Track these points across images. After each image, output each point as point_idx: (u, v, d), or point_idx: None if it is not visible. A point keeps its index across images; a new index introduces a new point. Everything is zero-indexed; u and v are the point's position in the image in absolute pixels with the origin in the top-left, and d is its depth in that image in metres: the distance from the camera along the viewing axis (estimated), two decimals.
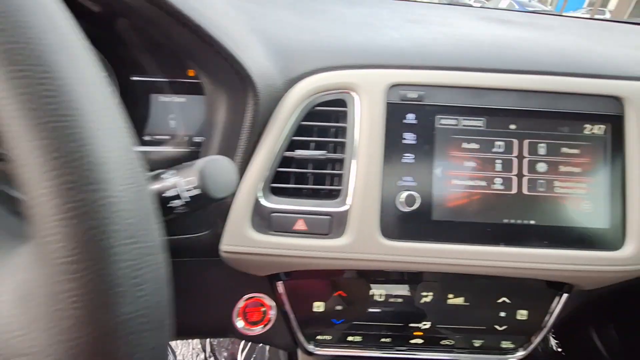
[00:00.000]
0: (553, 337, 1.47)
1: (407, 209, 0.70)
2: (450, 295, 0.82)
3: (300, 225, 0.70)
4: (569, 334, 1.32)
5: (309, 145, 0.72)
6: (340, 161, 0.71)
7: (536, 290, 0.81)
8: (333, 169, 0.72)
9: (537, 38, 0.86)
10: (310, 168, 0.72)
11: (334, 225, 0.71)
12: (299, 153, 0.71)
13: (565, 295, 0.81)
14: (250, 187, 0.69)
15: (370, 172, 0.69)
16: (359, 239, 0.70)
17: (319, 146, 0.72)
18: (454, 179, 0.71)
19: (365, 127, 0.70)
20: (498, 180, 0.72)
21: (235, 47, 0.61)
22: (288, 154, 0.71)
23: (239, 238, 0.70)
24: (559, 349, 1.46)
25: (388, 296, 0.82)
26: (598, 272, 0.72)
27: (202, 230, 0.72)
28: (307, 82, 0.71)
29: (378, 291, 0.82)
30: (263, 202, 0.70)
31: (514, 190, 0.72)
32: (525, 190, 0.72)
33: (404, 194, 0.69)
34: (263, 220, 0.70)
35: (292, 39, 0.75)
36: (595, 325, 1.25)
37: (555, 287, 0.81)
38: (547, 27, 1.07)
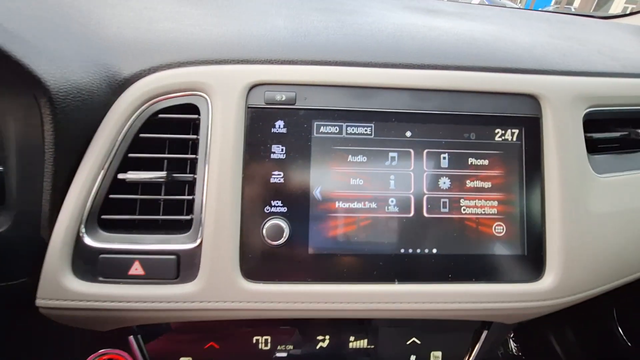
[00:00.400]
0: (513, 340, 1.41)
1: (275, 242, 0.55)
2: (352, 338, 0.68)
3: (137, 269, 0.54)
4: (528, 337, 1.26)
5: (149, 164, 0.56)
6: (191, 184, 0.56)
7: (451, 327, 0.68)
8: (181, 194, 0.56)
9: (451, 28, 0.73)
10: (150, 193, 0.56)
11: (183, 266, 0.55)
12: (132, 175, 0.54)
13: (485, 332, 0.68)
14: (69, 221, 0.52)
15: (227, 197, 0.54)
16: (214, 283, 0.54)
17: (162, 165, 0.56)
18: (337, 202, 0.57)
19: (219, 140, 0.55)
20: (392, 201, 0.58)
21: (18, 46, 0.44)
22: (121, 176, 0.54)
23: (56, 289, 0.53)
24: (519, 353, 1.42)
25: (275, 344, 0.67)
26: (514, 310, 0.59)
27: (16, 277, 0.55)
28: (144, 83, 0.55)
29: (262, 338, 0.67)
30: (87, 240, 0.54)
31: (411, 213, 0.58)
32: (425, 213, 0.58)
33: (271, 223, 0.54)
34: (88, 264, 0.54)
35: (124, 32, 0.59)
36: (553, 328, 1.22)
37: (472, 323, 0.68)
38: (476, 17, 0.94)
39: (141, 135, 0.55)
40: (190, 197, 0.55)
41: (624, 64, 0.70)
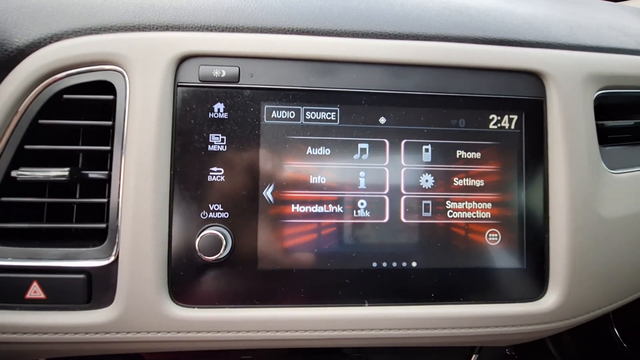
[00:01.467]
0: None
1: (213, 257, 0.43)
2: None
3: (36, 291, 0.42)
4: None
5: (57, 159, 0.44)
6: (104, 183, 0.44)
7: (436, 352, 0.57)
8: (91, 197, 0.44)
9: None
10: (52, 196, 0.44)
11: (96, 288, 0.43)
12: (26, 172, 0.42)
13: (475, 357, 0.58)
14: None
15: (149, 200, 0.42)
16: (134, 309, 0.43)
17: (67, 159, 0.44)
18: (293, 205, 0.46)
19: (137, 126, 0.43)
20: (362, 204, 0.47)
21: None
22: (15, 173, 0.42)
23: None
24: (513, 353, 1.37)
25: None
26: (510, 334, 0.49)
27: None
28: (42, 54, 0.43)
29: None
30: None
31: (386, 218, 0.47)
32: (402, 218, 0.47)
33: (206, 234, 0.43)
34: None
35: None
36: None
37: (460, 347, 0.57)
38: None
39: (40, 121, 0.43)
40: (103, 200, 0.43)
41: (638, 40, 0.60)
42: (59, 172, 0.42)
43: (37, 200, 0.43)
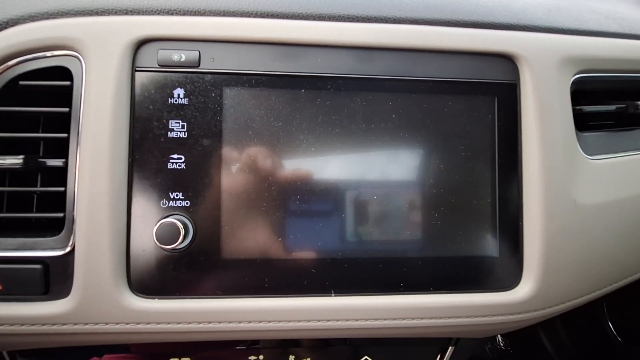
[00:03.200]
0: (501, 336, 1.35)
1: (171, 246, 0.42)
2: (291, 358, 0.56)
3: None
4: (516, 331, 1.20)
5: (5, 146, 0.43)
6: (61, 171, 0.43)
7: (411, 343, 0.56)
8: (48, 186, 0.43)
9: None
10: (15, 185, 0.43)
11: (54, 279, 0.42)
12: None
13: (451, 349, 0.56)
14: None
15: (105, 188, 0.41)
16: (91, 300, 0.42)
17: (26, 146, 0.43)
18: (259, 193, 0.44)
19: (93, 112, 0.41)
20: (328, 191, 0.45)
21: None
22: None
23: None
24: (508, 347, 1.36)
25: None
26: (484, 325, 0.47)
27: None
28: None
29: None
30: None
31: (352, 207, 0.46)
32: (369, 206, 0.46)
33: (163, 223, 0.42)
34: None
35: None
36: (543, 322, 1.14)
37: (436, 338, 0.56)
38: None
39: None
40: (60, 189, 0.42)
41: (620, 23, 0.58)
42: (14, 160, 0.41)
43: None
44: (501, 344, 1.34)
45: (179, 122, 0.43)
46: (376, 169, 0.46)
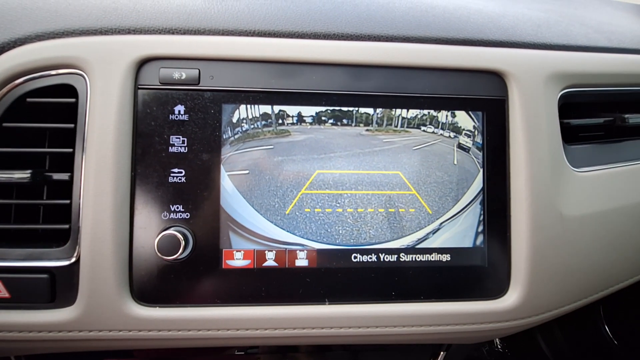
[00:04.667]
0: (498, 338, 1.36)
1: (172, 257, 0.44)
2: None
3: (0, 290, 0.43)
4: (514, 335, 1.21)
5: (14, 160, 0.45)
6: (67, 185, 0.45)
7: (404, 349, 0.58)
8: (54, 198, 0.45)
9: None
10: (22, 197, 0.45)
11: (60, 288, 0.44)
12: None
13: (442, 354, 0.58)
14: None
15: (108, 201, 0.43)
16: (96, 308, 0.44)
17: (30, 161, 0.45)
18: (259, 201, 0.46)
19: (97, 128, 0.43)
20: (323, 202, 0.47)
21: None
22: None
23: None
24: (505, 350, 1.37)
25: None
26: (472, 332, 0.49)
27: None
28: (6, 58, 0.44)
29: None
30: None
31: (346, 216, 0.47)
32: (364, 216, 0.47)
33: (165, 235, 0.44)
34: None
35: None
36: (540, 325, 1.15)
37: (428, 344, 0.58)
38: None
39: (5, 124, 0.44)
40: (66, 202, 0.44)
41: (609, 37, 0.60)
42: (22, 175, 0.43)
43: (1, 202, 0.44)
44: (499, 347, 1.35)
45: (179, 138, 0.45)
46: (369, 182, 0.48)
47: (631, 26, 0.68)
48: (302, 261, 0.47)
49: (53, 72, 0.45)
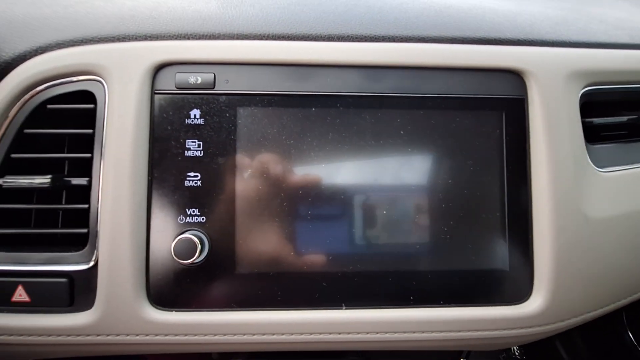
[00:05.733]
0: (517, 346, 1.32)
1: (189, 261, 0.44)
2: None
3: (21, 294, 0.44)
4: (533, 342, 1.18)
5: (34, 166, 0.46)
6: (85, 190, 0.45)
7: (422, 356, 0.56)
8: (73, 203, 0.46)
9: None
10: (42, 202, 0.46)
11: (79, 291, 0.45)
12: (12, 180, 0.44)
13: None
14: None
15: (126, 205, 0.43)
16: (113, 312, 0.44)
17: (52, 165, 0.46)
18: (271, 208, 0.46)
19: (115, 133, 0.44)
20: (340, 206, 0.46)
21: None
22: (1, 181, 0.44)
23: None
24: (523, 357, 1.33)
25: None
26: (494, 338, 0.48)
27: None
28: (27, 66, 0.45)
29: None
30: None
31: (365, 221, 0.47)
32: (382, 220, 0.47)
33: (181, 239, 0.44)
34: None
35: (1, 5, 0.48)
36: (560, 334, 1.11)
37: (447, 351, 0.56)
38: None
39: (26, 131, 0.45)
40: (84, 206, 0.44)
41: (630, 33, 0.58)
42: (42, 180, 0.44)
43: (22, 207, 0.45)
44: (516, 354, 1.31)
45: (195, 142, 0.45)
46: (386, 185, 0.47)
47: None
48: (318, 265, 0.46)
49: (73, 79, 0.45)
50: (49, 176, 0.44)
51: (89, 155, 0.45)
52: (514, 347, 1.30)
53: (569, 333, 1.06)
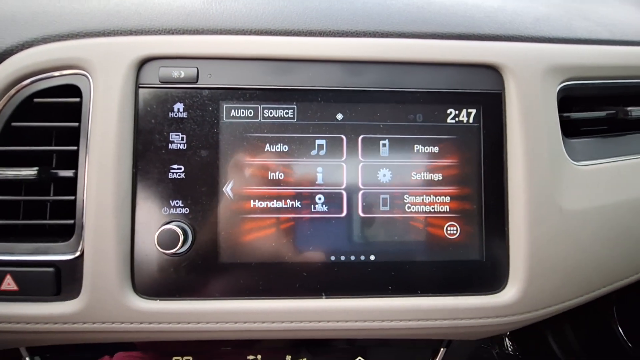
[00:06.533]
0: (508, 338, 1.34)
1: (171, 251, 0.45)
2: (288, 358, 0.58)
3: (9, 283, 0.45)
4: (524, 335, 1.19)
5: (22, 158, 0.47)
6: (71, 181, 0.46)
7: (404, 346, 0.58)
8: (59, 195, 0.47)
9: None
10: (30, 194, 0.47)
11: (65, 281, 0.46)
12: None
13: (442, 350, 0.58)
14: None
15: (110, 197, 0.44)
16: (98, 300, 0.45)
17: (40, 158, 0.47)
18: (252, 200, 0.47)
19: (99, 127, 0.45)
20: (319, 199, 0.48)
21: None
22: None
23: None
24: (516, 352, 1.35)
25: None
26: (470, 327, 0.49)
27: None
28: (13, 61, 0.46)
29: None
30: None
31: (344, 213, 0.48)
32: (360, 212, 0.48)
33: (164, 229, 0.45)
34: None
35: None
36: (551, 326, 1.12)
37: (427, 341, 0.58)
38: None
39: (13, 124, 0.46)
40: (71, 198, 0.46)
41: (611, 29, 0.59)
42: (29, 172, 0.45)
43: (10, 198, 0.46)
44: (509, 349, 1.33)
45: (178, 135, 0.46)
46: (366, 177, 0.48)
47: (635, 17, 0.67)
48: (299, 256, 0.47)
49: (59, 73, 0.46)
50: (36, 168, 0.45)
51: (74, 148, 0.46)
52: (507, 342, 1.32)
53: (560, 327, 1.07)
